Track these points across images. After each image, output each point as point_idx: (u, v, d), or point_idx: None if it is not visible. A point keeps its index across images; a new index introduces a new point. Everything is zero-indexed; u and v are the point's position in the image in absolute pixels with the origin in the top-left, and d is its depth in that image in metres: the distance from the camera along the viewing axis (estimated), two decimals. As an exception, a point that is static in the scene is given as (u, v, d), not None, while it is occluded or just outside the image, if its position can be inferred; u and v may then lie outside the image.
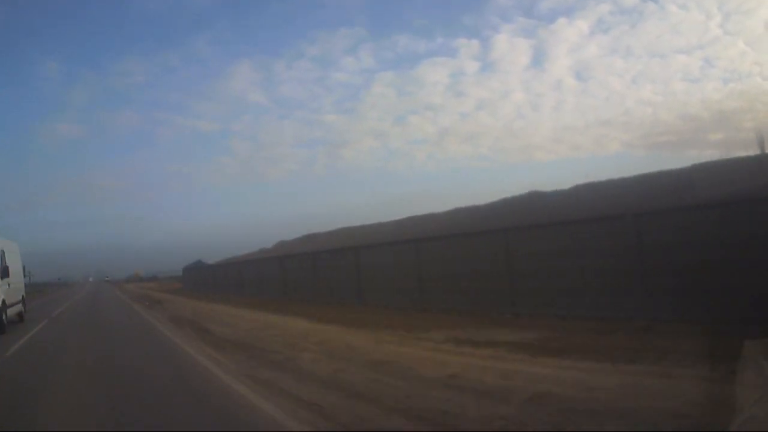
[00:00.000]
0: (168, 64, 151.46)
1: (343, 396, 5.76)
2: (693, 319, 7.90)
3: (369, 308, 15.56)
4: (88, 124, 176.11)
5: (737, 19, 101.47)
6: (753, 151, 27.69)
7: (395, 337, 9.72)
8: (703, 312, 7.87)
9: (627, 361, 6.25)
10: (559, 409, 4.72)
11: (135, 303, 27.98)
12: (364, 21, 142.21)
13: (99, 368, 8.56)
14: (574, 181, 38.44)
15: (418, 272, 14.46)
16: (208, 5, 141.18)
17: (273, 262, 28.06)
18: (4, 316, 14.46)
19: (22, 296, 17.68)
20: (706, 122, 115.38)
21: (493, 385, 5.74)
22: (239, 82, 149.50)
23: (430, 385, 5.99)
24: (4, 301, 14.48)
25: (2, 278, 14.91)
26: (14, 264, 16.26)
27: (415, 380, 6.27)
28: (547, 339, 8.18)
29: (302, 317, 14.45)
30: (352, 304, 16.83)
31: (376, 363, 7.36)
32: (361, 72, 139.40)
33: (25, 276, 19.59)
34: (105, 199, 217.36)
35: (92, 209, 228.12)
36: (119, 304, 29.32)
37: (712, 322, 7.40)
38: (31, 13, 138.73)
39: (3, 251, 15.34)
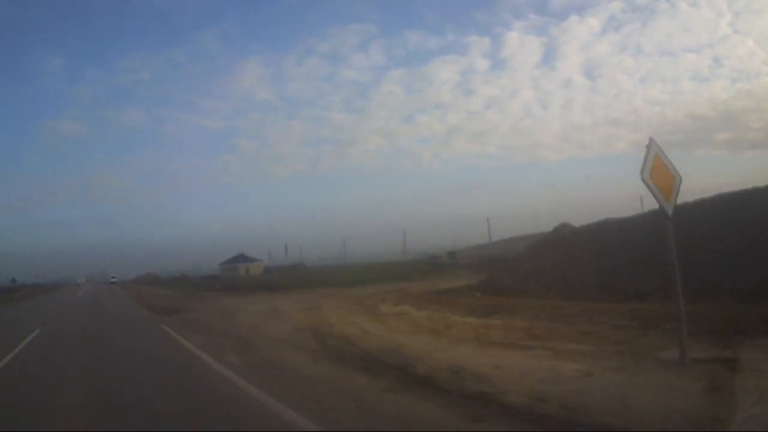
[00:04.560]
0: (174, 60, 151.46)
1: None
2: None
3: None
4: (91, 122, 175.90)
5: (747, 18, 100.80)
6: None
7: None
8: None
9: None
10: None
11: None
12: (376, 16, 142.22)
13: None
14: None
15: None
16: (216, 0, 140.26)
17: None
18: None
19: None
20: (713, 122, 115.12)
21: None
22: (247, 80, 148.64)
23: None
24: None
25: None
26: None
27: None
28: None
29: None
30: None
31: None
32: (371, 69, 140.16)
33: None
34: (107, 197, 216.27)
35: (94, 208, 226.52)
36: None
37: None
38: (36, 10, 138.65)
39: None
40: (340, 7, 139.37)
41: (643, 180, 6.22)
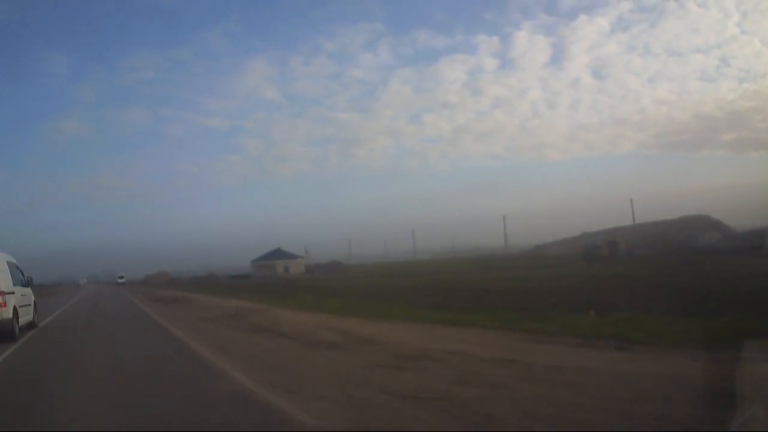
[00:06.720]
0: (179, 59, 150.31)
1: None
2: None
3: None
4: (95, 121, 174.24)
5: (755, 19, 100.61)
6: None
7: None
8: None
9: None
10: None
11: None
12: (383, 15, 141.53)
13: None
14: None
15: None
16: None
17: None
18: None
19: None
20: (719, 122, 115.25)
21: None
22: (252, 78, 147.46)
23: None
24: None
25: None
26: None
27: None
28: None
29: None
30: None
31: None
32: (378, 68, 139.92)
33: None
34: (109, 197, 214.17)
35: (96, 208, 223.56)
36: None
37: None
38: (38, 8, 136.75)
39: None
40: (347, 5, 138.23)
41: None
